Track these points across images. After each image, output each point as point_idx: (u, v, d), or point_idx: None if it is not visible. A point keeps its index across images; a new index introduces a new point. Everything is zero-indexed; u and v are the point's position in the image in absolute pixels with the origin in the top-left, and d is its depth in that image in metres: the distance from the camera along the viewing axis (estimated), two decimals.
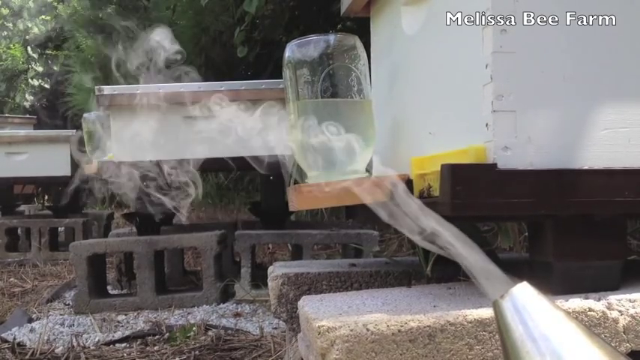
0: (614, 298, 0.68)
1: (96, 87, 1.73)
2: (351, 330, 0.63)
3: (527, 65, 0.69)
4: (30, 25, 6.30)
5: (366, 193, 0.74)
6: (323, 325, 0.63)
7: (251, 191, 3.90)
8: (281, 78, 0.89)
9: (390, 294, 0.79)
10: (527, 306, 0.47)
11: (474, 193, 0.67)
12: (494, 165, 0.68)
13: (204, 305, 1.71)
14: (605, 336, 0.66)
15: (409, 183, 0.82)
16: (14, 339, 1.43)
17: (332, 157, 0.81)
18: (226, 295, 1.77)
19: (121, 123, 1.77)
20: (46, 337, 1.44)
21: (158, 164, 1.16)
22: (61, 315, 1.69)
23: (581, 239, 0.71)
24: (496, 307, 0.48)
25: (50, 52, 6.17)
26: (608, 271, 0.72)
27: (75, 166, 2.73)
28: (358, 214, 0.95)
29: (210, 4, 2.90)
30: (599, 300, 0.68)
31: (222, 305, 1.71)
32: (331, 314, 0.68)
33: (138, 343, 1.38)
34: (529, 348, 0.45)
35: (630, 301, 0.68)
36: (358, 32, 0.97)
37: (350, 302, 0.74)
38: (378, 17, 1.05)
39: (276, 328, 1.43)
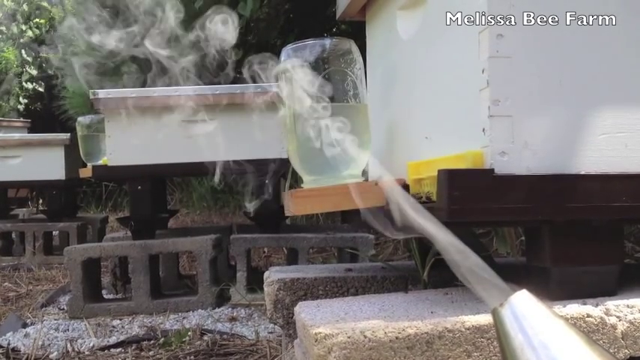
0: (612, 303, 0.68)
1: (90, 91, 1.72)
2: (349, 337, 0.62)
3: (523, 70, 0.69)
4: (24, 29, 6.28)
5: (362, 197, 0.74)
6: (320, 332, 0.63)
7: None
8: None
9: (387, 300, 0.79)
10: (527, 314, 0.46)
11: (471, 198, 0.66)
12: (492, 170, 0.67)
13: (200, 310, 1.71)
14: (604, 342, 0.66)
15: (405, 188, 0.82)
16: (8, 344, 1.42)
17: (328, 162, 0.81)
18: (222, 299, 1.77)
19: (116, 127, 1.77)
20: (40, 342, 1.43)
21: None
22: (55, 320, 1.68)
23: (579, 244, 0.71)
24: (495, 315, 0.48)
25: (44, 55, 6.15)
26: (606, 276, 0.72)
27: (70, 169, 2.72)
28: (354, 218, 0.95)
29: (205, 7, 2.89)
30: (597, 306, 0.67)
31: (217, 309, 1.70)
32: (328, 321, 0.67)
33: (133, 348, 1.38)
34: (529, 356, 0.45)
35: (628, 306, 0.67)
36: (354, 36, 0.96)
37: (347, 308, 0.74)
38: (374, 21, 1.04)
39: (271, 333, 1.42)
